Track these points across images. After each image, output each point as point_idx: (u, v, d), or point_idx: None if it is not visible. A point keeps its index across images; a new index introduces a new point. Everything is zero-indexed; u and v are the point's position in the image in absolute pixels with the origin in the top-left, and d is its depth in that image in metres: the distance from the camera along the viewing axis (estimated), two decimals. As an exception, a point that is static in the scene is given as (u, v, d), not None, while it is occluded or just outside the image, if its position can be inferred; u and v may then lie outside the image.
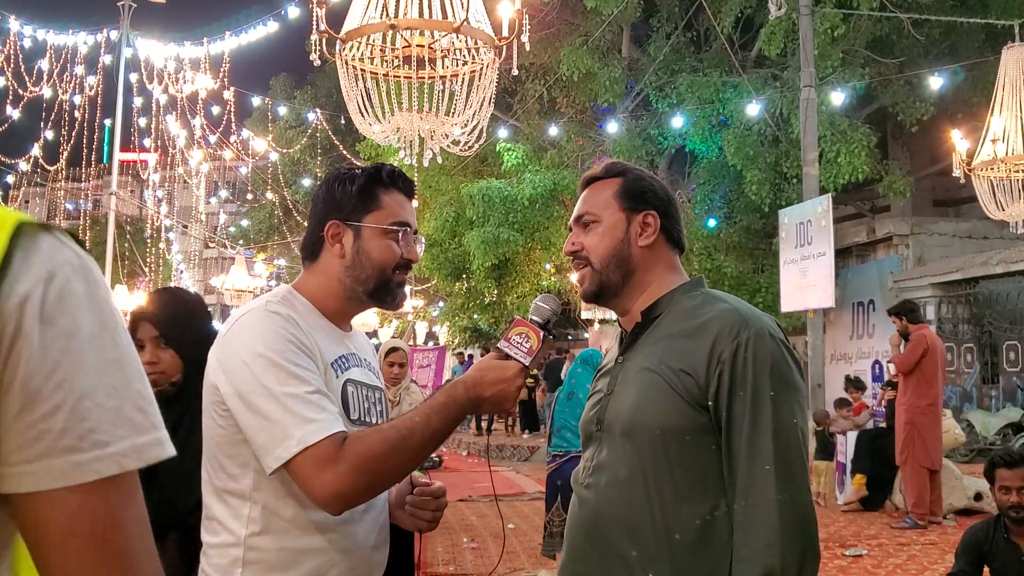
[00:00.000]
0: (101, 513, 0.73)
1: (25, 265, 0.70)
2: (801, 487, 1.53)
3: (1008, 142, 9.05)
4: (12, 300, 0.68)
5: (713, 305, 1.66)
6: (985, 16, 12.96)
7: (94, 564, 0.73)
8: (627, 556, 1.57)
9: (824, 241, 10.56)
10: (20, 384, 0.69)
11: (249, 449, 1.55)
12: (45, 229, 0.74)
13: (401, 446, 1.53)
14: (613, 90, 15.82)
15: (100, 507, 0.73)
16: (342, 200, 1.73)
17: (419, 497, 1.76)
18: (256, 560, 1.56)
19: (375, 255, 1.72)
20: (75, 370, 0.71)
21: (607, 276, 1.73)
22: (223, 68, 16.54)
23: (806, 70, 11.53)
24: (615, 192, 1.76)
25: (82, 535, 0.72)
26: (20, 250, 0.70)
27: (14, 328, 0.68)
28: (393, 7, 5.45)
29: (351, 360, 1.73)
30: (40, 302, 0.70)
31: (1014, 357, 13.12)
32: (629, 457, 1.61)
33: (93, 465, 0.71)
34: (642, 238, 1.73)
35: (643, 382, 1.63)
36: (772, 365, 1.56)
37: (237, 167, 28.13)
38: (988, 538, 3.76)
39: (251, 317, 1.61)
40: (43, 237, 0.73)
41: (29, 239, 0.71)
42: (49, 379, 0.70)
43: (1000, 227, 12.37)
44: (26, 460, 0.70)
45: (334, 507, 1.53)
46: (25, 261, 0.70)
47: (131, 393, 0.75)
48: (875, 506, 8.43)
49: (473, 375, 1.62)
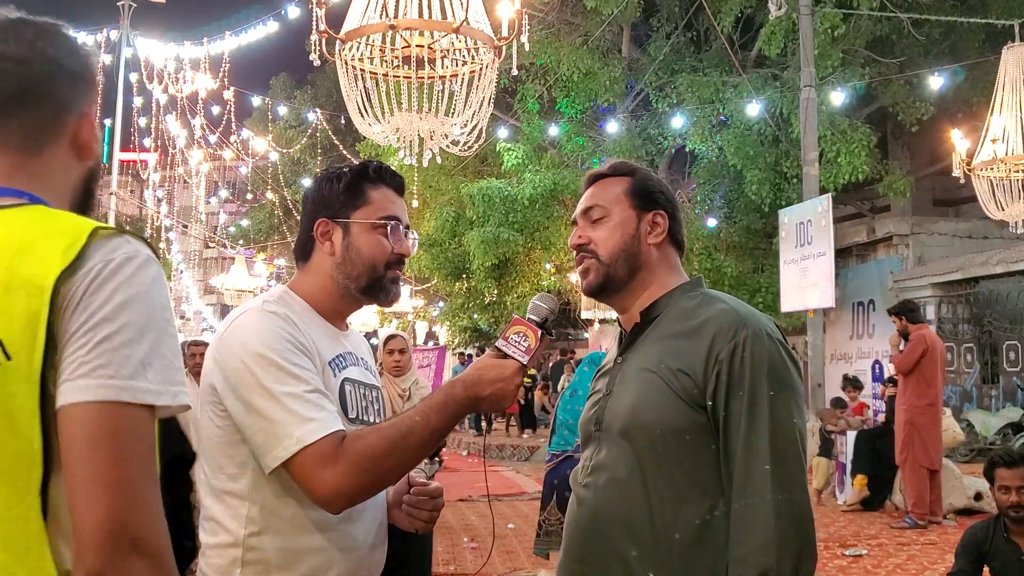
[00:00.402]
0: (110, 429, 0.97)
1: (95, 252, 1.02)
2: (798, 487, 1.54)
3: (1008, 142, 9.05)
4: (80, 272, 1.00)
5: (711, 305, 1.66)
6: (985, 16, 12.96)
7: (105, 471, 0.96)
8: (626, 556, 1.58)
9: (824, 241, 10.56)
10: (75, 328, 0.99)
11: (247, 449, 1.55)
12: (117, 231, 1.06)
13: (400, 445, 1.53)
14: (613, 90, 15.82)
15: (110, 423, 0.97)
16: (330, 198, 1.74)
17: (416, 497, 1.76)
18: (255, 560, 1.56)
19: (365, 251, 1.72)
20: (111, 323, 1.00)
21: (614, 270, 1.73)
22: (223, 68, 16.54)
23: (806, 70, 11.54)
24: (626, 189, 1.77)
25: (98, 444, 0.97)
26: (95, 244, 1.02)
27: (80, 291, 1.00)
28: (393, 7, 5.44)
29: (348, 359, 1.74)
30: (96, 274, 1.01)
31: (1014, 357, 13.12)
32: (628, 457, 1.61)
33: (111, 390, 0.98)
34: (651, 236, 1.74)
35: (642, 382, 1.63)
36: (770, 365, 1.57)
37: (237, 167, 28.13)
38: (988, 538, 3.76)
39: (248, 317, 1.62)
40: (112, 236, 1.04)
41: (102, 237, 1.04)
42: (93, 328, 0.99)
43: (1000, 227, 12.36)
44: (66, 381, 0.98)
45: (334, 506, 1.53)
46: (96, 250, 1.02)
47: (154, 350, 1.02)
48: (875, 506, 8.43)
49: (471, 374, 1.62)
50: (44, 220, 1.05)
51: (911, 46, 14.16)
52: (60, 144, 1.16)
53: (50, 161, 1.15)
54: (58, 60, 1.15)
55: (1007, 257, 12.88)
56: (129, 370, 0.99)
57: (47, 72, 1.14)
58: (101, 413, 0.97)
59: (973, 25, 13.53)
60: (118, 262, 1.02)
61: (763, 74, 14.93)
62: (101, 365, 0.98)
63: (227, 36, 16.28)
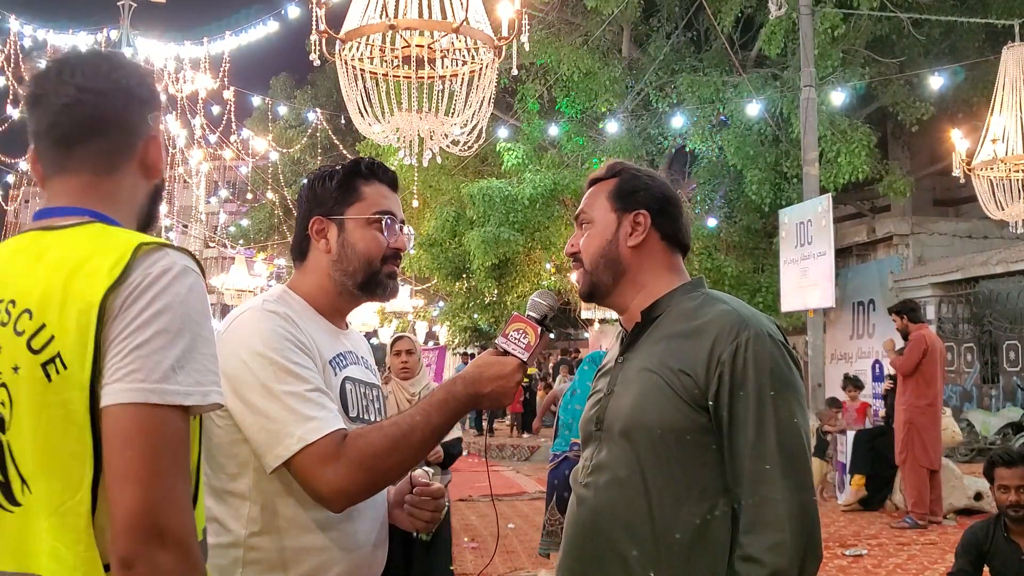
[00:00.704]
0: (141, 428, 1.08)
1: (137, 266, 1.13)
2: (806, 487, 1.54)
3: (1008, 142, 9.05)
4: (123, 286, 1.12)
5: (713, 306, 1.66)
6: (985, 16, 12.95)
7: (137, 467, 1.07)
8: (626, 555, 1.58)
9: (824, 241, 10.56)
10: (114, 336, 1.11)
11: (248, 449, 1.55)
12: (159, 245, 1.17)
13: (402, 443, 1.53)
14: (613, 90, 15.81)
15: (141, 423, 1.08)
16: (323, 196, 1.74)
17: (418, 497, 1.76)
18: (256, 560, 1.56)
19: (360, 246, 1.72)
20: (145, 331, 1.11)
21: (597, 277, 1.74)
22: (223, 68, 16.53)
23: (806, 70, 11.53)
24: (608, 192, 1.77)
25: (131, 443, 1.08)
26: (138, 259, 1.14)
27: (121, 303, 1.11)
28: (392, 7, 5.44)
29: (348, 358, 1.74)
30: (135, 287, 1.12)
31: (1014, 357, 13.11)
32: (628, 457, 1.61)
33: (141, 393, 1.09)
34: (631, 238, 1.73)
35: (643, 382, 1.63)
36: (772, 366, 1.57)
37: (237, 167, 28.13)
38: (988, 537, 3.76)
39: (249, 316, 1.62)
40: (154, 251, 1.16)
41: (144, 252, 1.15)
42: (129, 335, 1.11)
43: (1000, 227, 12.36)
44: (106, 384, 1.09)
45: (336, 504, 1.53)
46: (138, 264, 1.14)
47: (187, 354, 1.13)
48: (875, 506, 8.43)
49: (472, 372, 1.62)
50: (99, 238, 1.18)
51: (911, 46, 14.15)
52: (130, 166, 1.29)
53: (121, 181, 1.28)
54: (130, 90, 1.28)
55: (1007, 257, 12.87)
56: (159, 374, 1.11)
57: (121, 102, 1.27)
58: (134, 414, 1.09)
59: (973, 25, 13.52)
60: (155, 274, 1.14)
61: (763, 74, 14.92)
62: (134, 370, 1.10)
63: (227, 36, 16.26)
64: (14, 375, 1.13)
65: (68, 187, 1.26)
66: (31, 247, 1.20)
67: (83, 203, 1.23)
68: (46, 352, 1.11)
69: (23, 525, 1.12)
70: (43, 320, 1.12)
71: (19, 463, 1.13)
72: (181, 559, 1.08)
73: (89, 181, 1.25)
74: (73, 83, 1.24)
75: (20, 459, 1.13)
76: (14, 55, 15.72)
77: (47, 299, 1.13)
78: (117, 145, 1.27)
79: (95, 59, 1.29)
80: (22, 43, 15.96)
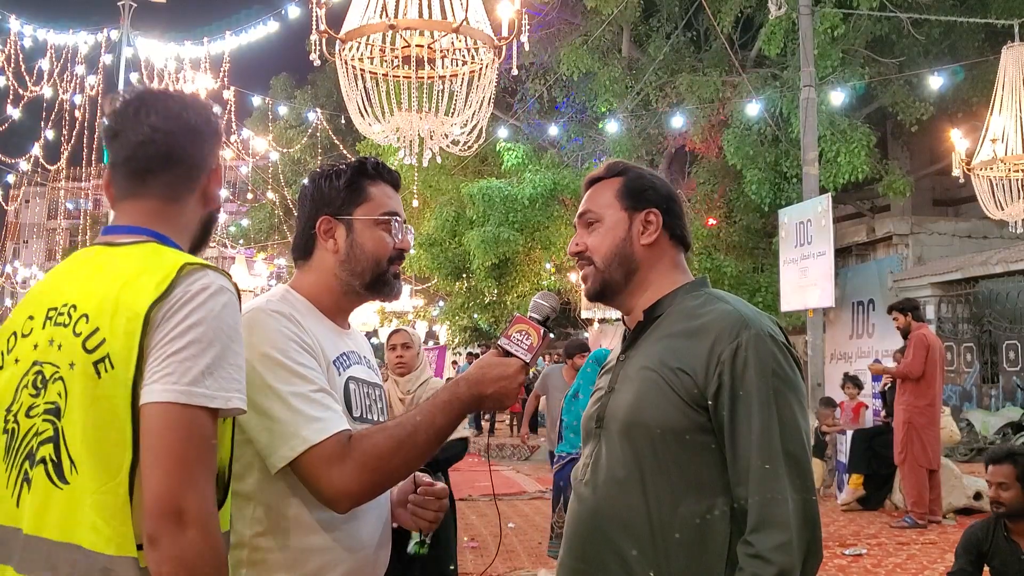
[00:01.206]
0: (171, 424, 1.25)
1: (180, 283, 1.31)
2: (809, 487, 1.55)
3: (1008, 142, 9.06)
4: (166, 300, 1.29)
5: (713, 305, 1.66)
6: (985, 16, 12.96)
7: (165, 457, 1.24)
8: (625, 555, 1.58)
9: (824, 240, 10.56)
10: (155, 343, 1.28)
11: (253, 449, 1.55)
12: (201, 266, 1.34)
13: (406, 444, 1.53)
14: (613, 90, 15.82)
15: (171, 419, 1.25)
16: (330, 195, 1.74)
17: (422, 497, 1.76)
18: (261, 560, 1.56)
19: (369, 247, 1.72)
20: (180, 340, 1.27)
21: (610, 275, 1.74)
22: (223, 68, 16.53)
23: (806, 70, 11.53)
24: (616, 191, 1.77)
25: (162, 436, 1.24)
26: (181, 277, 1.31)
27: (163, 315, 1.29)
28: (393, 7, 5.45)
29: (352, 357, 1.74)
30: (176, 301, 1.29)
31: (1014, 356, 13.12)
32: (627, 456, 1.61)
33: (172, 394, 1.25)
34: (644, 236, 1.73)
35: (642, 381, 1.64)
36: (773, 366, 1.57)
37: (237, 167, 28.13)
38: (988, 537, 3.77)
39: (252, 317, 1.61)
40: (196, 271, 1.33)
41: (188, 272, 1.32)
42: (167, 343, 1.27)
43: (1000, 227, 12.37)
44: (145, 385, 1.26)
45: (341, 505, 1.53)
46: (181, 282, 1.31)
47: (216, 362, 1.29)
48: (874, 505, 8.44)
49: (475, 373, 1.62)
50: (151, 257, 1.36)
51: (911, 46, 14.15)
52: (193, 195, 1.49)
53: (183, 208, 1.48)
54: (198, 128, 1.48)
55: (1007, 257, 12.88)
56: (190, 378, 1.27)
57: (189, 140, 1.46)
58: (165, 411, 1.26)
59: (973, 25, 13.52)
60: (194, 291, 1.31)
61: (763, 74, 14.92)
62: (168, 373, 1.27)
63: (227, 36, 16.27)
64: (70, 371, 1.31)
65: (136, 210, 1.45)
66: (94, 260, 1.42)
67: (148, 224, 1.43)
68: (98, 352, 1.29)
69: (69, 501, 1.28)
70: (97, 324, 1.30)
71: (70, 447, 1.29)
72: (201, 539, 1.23)
73: (156, 207, 1.45)
74: (148, 123, 1.43)
75: (71, 444, 1.29)
76: (14, 55, 15.72)
77: (102, 306, 1.31)
78: (183, 177, 1.47)
79: (167, 100, 1.48)
80: (22, 43, 15.96)
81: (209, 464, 1.28)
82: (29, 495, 1.31)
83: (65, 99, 17.05)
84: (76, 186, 27.44)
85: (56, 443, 1.30)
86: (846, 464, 8.70)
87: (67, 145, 18.05)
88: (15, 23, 15.77)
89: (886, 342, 14.07)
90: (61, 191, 30.94)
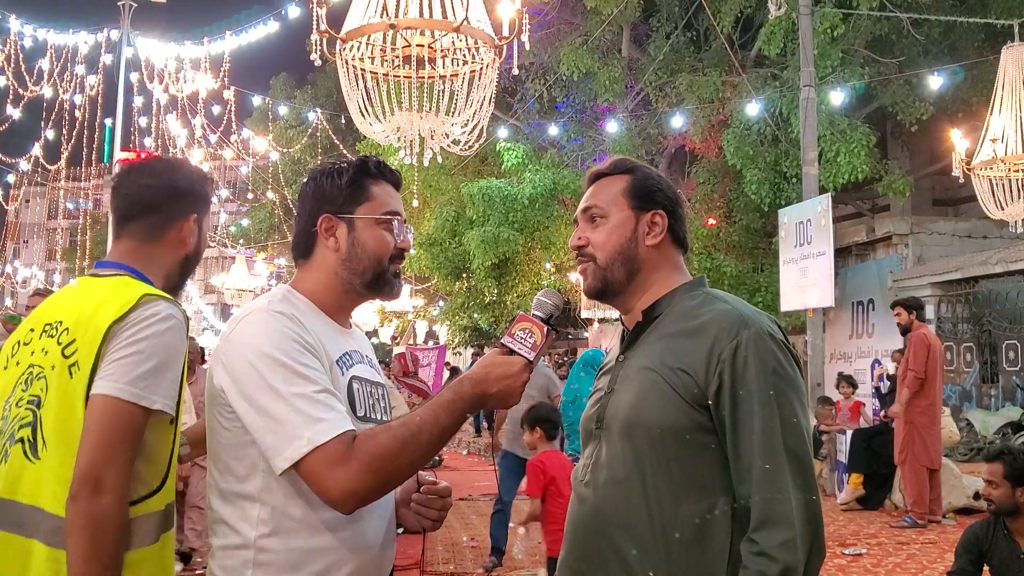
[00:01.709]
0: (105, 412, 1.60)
1: (136, 308, 1.67)
2: (811, 486, 1.55)
3: (1007, 142, 9.06)
4: (124, 321, 1.65)
5: (713, 305, 1.66)
6: (985, 16, 12.96)
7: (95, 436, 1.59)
8: (625, 554, 1.58)
9: (824, 240, 10.56)
10: (109, 352, 1.64)
11: (257, 450, 1.55)
12: (158, 297, 1.72)
13: (411, 443, 1.53)
14: (613, 90, 15.82)
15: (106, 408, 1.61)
16: (332, 194, 1.73)
17: (425, 496, 1.76)
18: (266, 561, 1.56)
19: (370, 246, 1.72)
20: (126, 350, 1.64)
21: (611, 273, 1.73)
22: (223, 68, 16.54)
23: (806, 70, 11.54)
24: (624, 189, 1.76)
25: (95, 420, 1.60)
26: (139, 304, 1.68)
27: (118, 331, 1.65)
28: (393, 7, 5.45)
29: (354, 357, 1.73)
30: (131, 322, 1.67)
31: (1013, 356, 13.12)
32: (627, 456, 1.61)
33: (112, 389, 1.61)
34: (649, 237, 1.73)
35: (642, 381, 1.63)
36: (773, 365, 1.57)
37: (237, 167, 28.13)
38: (988, 536, 3.78)
39: (254, 318, 1.61)
40: (151, 301, 1.70)
41: (145, 301, 1.69)
42: (116, 351, 1.63)
43: (999, 226, 12.38)
44: (95, 381, 1.63)
45: (346, 506, 1.52)
46: (138, 307, 1.68)
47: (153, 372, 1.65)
48: (874, 505, 8.44)
49: (479, 371, 1.61)
50: (122, 287, 1.73)
51: (911, 46, 14.16)
52: (166, 238, 1.85)
53: (156, 248, 1.85)
54: (177, 186, 1.86)
55: (1007, 257, 12.88)
56: (127, 379, 1.62)
57: (165, 194, 1.85)
58: (103, 401, 1.61)
59: (973, 25, 13.53)
60: (146, 316, 1.67)
61: (763, 74, 14.93)
62: (111, 373, 1.62)
63: (227, 36, 16.28)
64: (51, 371, 1.68)
65: (119, 249, 1.85)
66: (81, 287, 1.83)
67: (126, 261, 1.82)
68: (72, 358, 1.66)
69: (38, 473, 1.65)
70: (74, 336, 1.68)
71: (44, 430, 1.66)
72: (112, 505, 1.56)
73: (133, 247, 1.84)
74: (136, 180, 1.87)
75: (46, 428, 1.66)
76: (14, 55, 15.71)
77: (79, 322, 1.69)
78: (157, 225, 1.84)
79: (158, 164, 1.95)
80: (22, 43, 15.95)
81: (131, 448, 1.61)
82: (5, 466, 1.67)
83: (65, 99, 17.05)
84: (76, 186, 27.44)
85: (34, 427, 1.66)
86: (846, 463, 8.71)
87: (67, 145, 18.05)
88: (15, 23, 15.77)
89: (886, 342, 14.08)
90: (61, 191, 30.94)
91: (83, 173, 22.77)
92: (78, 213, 34.55)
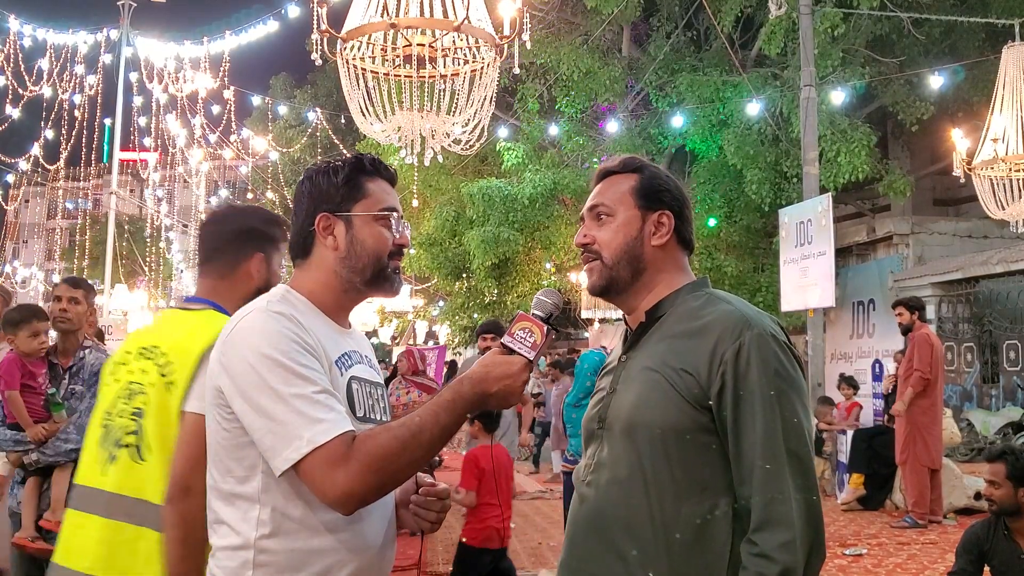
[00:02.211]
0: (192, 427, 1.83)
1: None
2: (812, 487, 1.55)
3: (1008, 141, 9.05)
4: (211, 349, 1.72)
5: (715, 306, 1.66)
6: (985, 15, 12.96)
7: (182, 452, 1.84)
8: (626, 554, 1.58)
9: (824, 240, 10.55)
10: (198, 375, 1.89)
11: (256, 451, 1.54)
12: None
13: (411, 444, 1.52)
14: (613, 90, 15.81)
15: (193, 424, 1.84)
16: (329, 192, 1.72)
17: (424, 497, 1.75)
18: (267, 562, 1.55)
19: (369, 243, 1.71)
20: None
21: (617, 272, 1.73)
22: (223, 67, 16.54)
23: (806, 69, 11.53)
24: (631, 188, 1.75)
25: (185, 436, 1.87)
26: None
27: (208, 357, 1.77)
28: (394, 6, 5.45)
29: (353, 357, 1.73)
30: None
31: (1014, 356, 13.12)
32: (629, 456, 1.61)
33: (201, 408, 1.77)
34: (655, 237, 1.73)
35: (644, 381, 1.63)
36: (775, 365, 1.57)
37: (237, 166, 28.13)
38: (988, 537, 3.78)
39: (253, 318, 1.60)
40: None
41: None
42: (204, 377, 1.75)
43: (1000, 226, 12.36)
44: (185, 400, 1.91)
45: (346, 507, 1.52)
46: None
47: None
48: (875, 505, 8.44)
49: (479, 371, 1.61)
50: (208, 320, 1.99)
51: (911, 45, 14.16)
52: (237, 275, 2.12)
53: (232, 283, 2.11)
54: (244, 227, 2.15)
55: (1007, 256, 12.88)
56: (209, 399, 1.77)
57: (230, 237, 2.13)
58: (194, 418, 1.81)
59: (973, 24, 13.53)
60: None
61: (763, 73, 14.92)
62: (201, 394, 1.77)
63: (227, 35, 16.29)
64: (152, 388, 1.99)
65: (203, 285, 2.14)
66: (174, 318, 2.23)
67: (209, 296, 2.10)
68: (168, 377, 1.96)
69: (144, 473, 1.96)
70: (171, 359, 1.97)
71: (147, 437, 1.97)
72: (199, 506, 1.69)
73: (212, 283, 2.13)
74: (207, 228, 2.21)
75: (148, 435, 1.97)
76: (14, 54, 15.71)
77: (174, 348, 1.99)
78: (227, 263, 2.12)
79: (228, 211, 2.43)
80: (22, 43, 15.95)
81: None
82: (113, 467, 2.00)
83: (64, 99, 17.05)
84: (75, 186, 27.44)
85: (138, 434, 1.99)
86: (846, 464, 8.70)
87: (67, 145, 18.05)
88: (15, 23, 15.77)
89: (886, 342, 14.08)
90: (60, 191, 30.92)
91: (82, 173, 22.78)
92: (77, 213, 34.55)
